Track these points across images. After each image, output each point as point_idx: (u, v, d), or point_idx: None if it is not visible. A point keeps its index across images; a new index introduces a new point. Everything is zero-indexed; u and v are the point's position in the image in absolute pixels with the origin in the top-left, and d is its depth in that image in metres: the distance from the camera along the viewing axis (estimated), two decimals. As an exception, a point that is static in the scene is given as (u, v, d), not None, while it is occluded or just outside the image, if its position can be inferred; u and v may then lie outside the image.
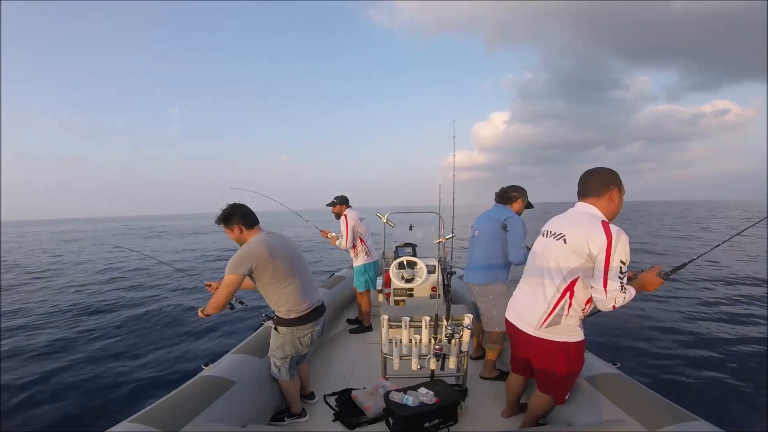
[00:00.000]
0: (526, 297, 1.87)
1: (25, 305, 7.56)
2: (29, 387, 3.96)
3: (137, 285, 9.40)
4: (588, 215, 1.67)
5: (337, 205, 3.86)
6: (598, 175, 1.71)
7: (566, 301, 1.68)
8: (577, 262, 1.62)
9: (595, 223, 1.59)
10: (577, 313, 1.71)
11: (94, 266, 12.83)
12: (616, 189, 1.69)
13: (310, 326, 2.22)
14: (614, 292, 1.54)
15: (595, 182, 1.71)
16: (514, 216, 2.71)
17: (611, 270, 1.53)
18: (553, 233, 1.76)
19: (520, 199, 2.80)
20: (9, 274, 11.78)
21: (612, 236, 1.54)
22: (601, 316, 1.79)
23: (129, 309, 7.05)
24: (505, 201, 2.82)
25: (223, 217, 2.11)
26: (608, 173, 1.71)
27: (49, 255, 17.06)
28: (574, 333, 1.75)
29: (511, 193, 2.80)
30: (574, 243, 1.62)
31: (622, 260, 1.53)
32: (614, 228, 1.57)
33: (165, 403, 1.83)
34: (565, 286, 1.67)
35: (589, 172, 1.75)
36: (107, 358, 4.74)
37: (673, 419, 1.60)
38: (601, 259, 1.55)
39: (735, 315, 5.66)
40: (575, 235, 1.63)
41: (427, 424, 2.10)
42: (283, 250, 2.13)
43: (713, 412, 2.03)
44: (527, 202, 2.86)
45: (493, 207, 2.87)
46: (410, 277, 3.97)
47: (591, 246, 1.57)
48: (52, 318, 6.61)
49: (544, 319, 1.73)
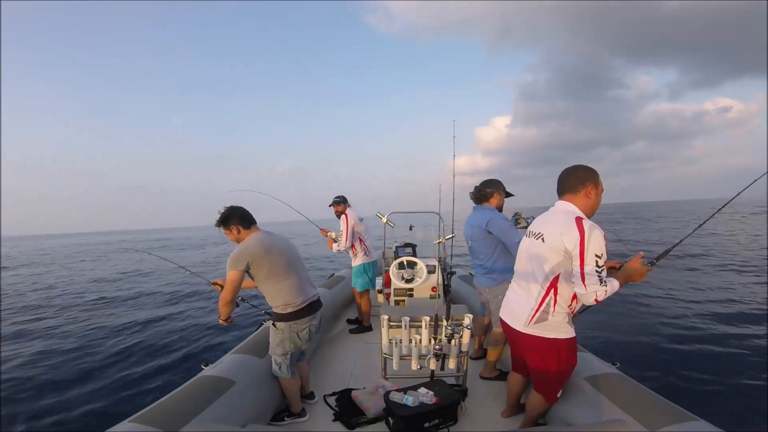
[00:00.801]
0: (516, 296, 1.93)
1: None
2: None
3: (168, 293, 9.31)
4: (564, 213, 1.73)
5: (339, 204, 3.92)
6: (573, 173, 1.77)
7: (551, 298, 1.73)
8: (556, 260, 1.67)
9: (570, 220, 1.65)
10: (563, 309, 1.75)
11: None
12: (591, 185, 1.73)
13: (307, 320, 2.26)
14: (593, 285, 1.57)
15: (571, 179, 1.77)
16: (493, 218, 2.64)
17: (587, 264, 1.57)
18: (534, 233, 1.82)
19: (496, 194, 2.73)
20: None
21: (585, 231, 1.59)
22: (601, 317, 1.79)
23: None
24: (481, 200, 2.77)
25: (221, 220, 2.21)
26: (584, 170, 1.76)
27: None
28: (564, 330, 1.78)
29: (485, 190, 2.74)
30: (551, 241, 1.68)
31: (597, 254, 1.57)
32: (587, 223, 1.62)
33: (165, 403, 1.83)
34: (548, 283, 1.73)
35: (566, 171, 1.80)
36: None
37: (673, 419, 1.60)
38: (576, 254, 1.59)
39: (735, 315, 5.65)
40: (552, 233, 1.69)
41: (427, 424, 2.10)
42: (279, 247, 2.21)
43: (713, 412, 2.03)
44: (506, 192, 2.78)
45: (473, 210, 2.81)
46: (410, 277, 3.98)
47: (566, 242, 1.62)
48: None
49: (532, 316, 1.78)
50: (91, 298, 8.99)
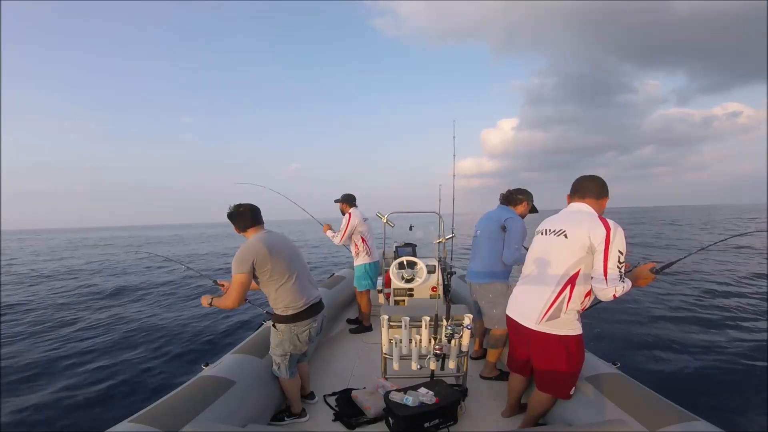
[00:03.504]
0: (526, 293, 1.96)
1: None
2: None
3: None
4: (587, 213, 1.82)
5: (344, 202, 3.94)
6: (599, 182, 1.89)
7: (566, 295, 1.78)
8: (578, 255, 1.74)
9: (594, 218, 1.75)
10: (576, 306, 1.79)
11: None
12: (606, 198, 1.90)
13: (307, 323, 2.25)
14: (614, 281, 1.66)
15: (596, 187, 1.88)
16: (514, 217, 2.71)
17: (610, 259, 1.66)
18: (553, 230, 1.88)
19: (525, 202, 2.81)
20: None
21: (611, 228, 1.68)
22: (600, 316, 1.81)
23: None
24: (509, 202, 2.82)
25: (228, 216, 2.23)
26: (604, 183, 1.90)
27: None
28: (573, 326, 1.83)
29: (516, 195, 2.81)
30: (576, 237, 1.75)
31: (620, 250, 1.67)
32: (611, 222, 1.71)
33: (165, 403, 1.83)
34: (566, 279, 1.77)
35: (590, 178, 1.91)
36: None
37: (674, 419, 1.60)
38: (600, 250, 1.67)
39: (735, 315, 5.66)
40: (577, 229, 1.76)
41: (427, 424, 2.10)
42: (281, 248, 2.20)
43: (713, 412, 2.03)
44: (532, 206, 2.86)
45: (497, 208, 2.87)
46: (410, 277, 3.98)
47: (592, 238, 1.69)
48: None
49: (545, 313, 1.81)
50: (83, 292, 8.95)
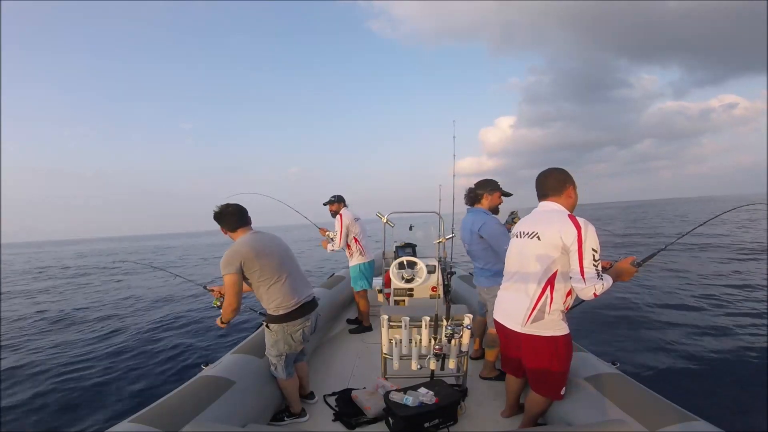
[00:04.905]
0: (510, 297, 1.94)
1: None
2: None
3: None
4: (555, 211, 1.79)
5: (334, 203, 3.91)
6: (552, 175, 1.84)
7: (547, 296, 1.76)
8: (553, 256, 1.71)
9: (564, 217, 1.72)
10: (559, 306, 1.78)
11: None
12: (571, 186, 1.83)
13: (300, 322, 2.24)
14: (592, 279, 1.63)
15: (552, 182, 1.84)
16: (485, 222, 2.62)
17: (585, 258, 1.63)
18: (527, 233, 1.85)
19: (486, 194, 2.71)
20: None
21: (581, 227, 1.65)
22: (601, 316, 1.80)
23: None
24: (473, 202, 2.75)
25: (215, 217, 2.23)
26: (561, 172, 1.85)
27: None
28: (559, 327, 1.81)
29: (475, 192, 2.72)
30: (548, 238, 1.72)
31: (593, 248, 1.64)
32: (581, 219, 1.69)
33: (165, 403, 1.83)
34: (545, 281, 1.75)
35: (543, 175, 1.87)
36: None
37: (673, 419, 1.60)
38: (574, 250, 1.65)
39: (735, 315, 5.65)
40: (548, 230, 1.73)
41: (427, 424, 2.10)
42: (270, 248, 2.19)
43: (713, 412, 2.03)
44: (502, 192, 2.76)
45: (467, 213, 2.80)
46: (410, 277, 3.97)
47: (564, 238, 1.67)
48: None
49: (529, 315, 1.80)
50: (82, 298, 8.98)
